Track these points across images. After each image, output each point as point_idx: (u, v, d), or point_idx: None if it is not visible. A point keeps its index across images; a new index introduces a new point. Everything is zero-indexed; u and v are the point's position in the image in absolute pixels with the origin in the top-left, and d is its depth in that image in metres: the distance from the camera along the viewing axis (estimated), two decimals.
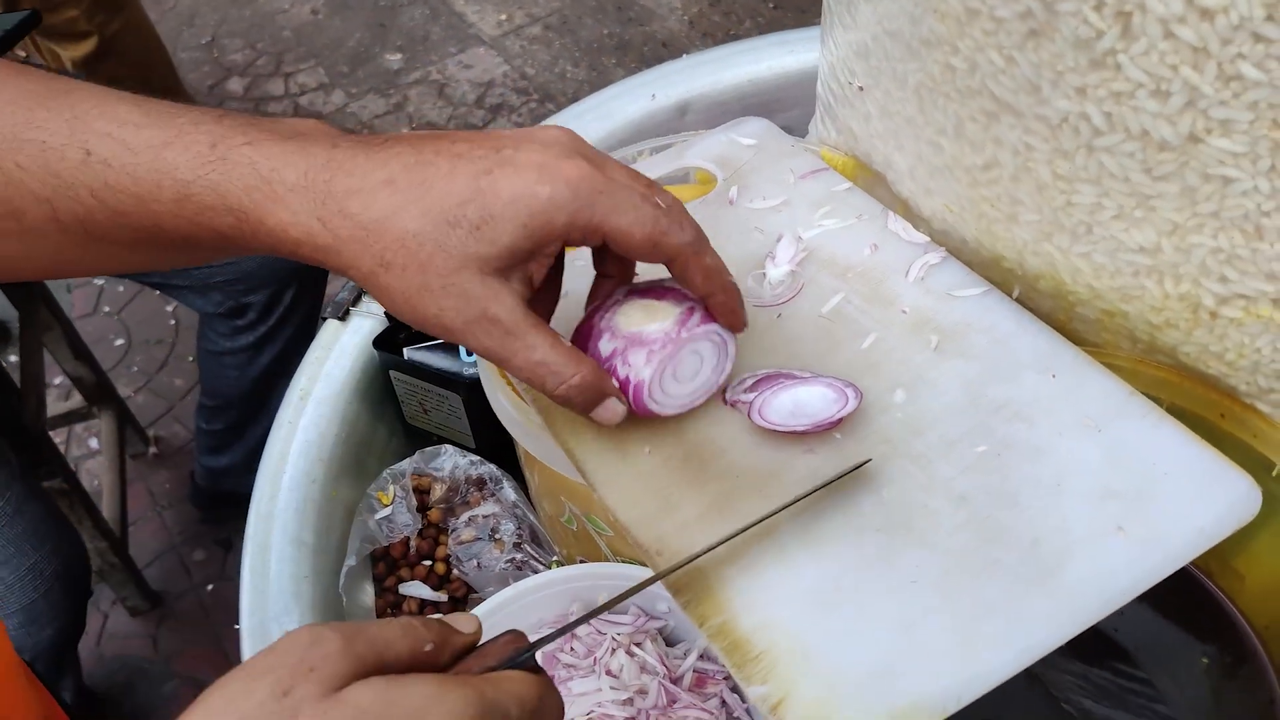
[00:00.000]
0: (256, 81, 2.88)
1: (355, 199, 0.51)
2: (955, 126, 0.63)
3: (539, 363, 0.54)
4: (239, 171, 0.51)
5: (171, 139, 0.52)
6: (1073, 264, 0.63)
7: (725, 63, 1.02)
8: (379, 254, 0.51)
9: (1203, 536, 0.55)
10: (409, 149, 0.52)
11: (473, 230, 0.51)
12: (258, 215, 0.51)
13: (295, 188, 0.51)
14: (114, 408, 2.02)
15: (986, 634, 0.53)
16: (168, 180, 0.51)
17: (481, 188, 0.51)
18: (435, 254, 0.51)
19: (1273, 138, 0.50)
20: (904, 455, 0.60)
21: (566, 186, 0.52)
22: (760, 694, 0.52)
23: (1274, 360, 0.59)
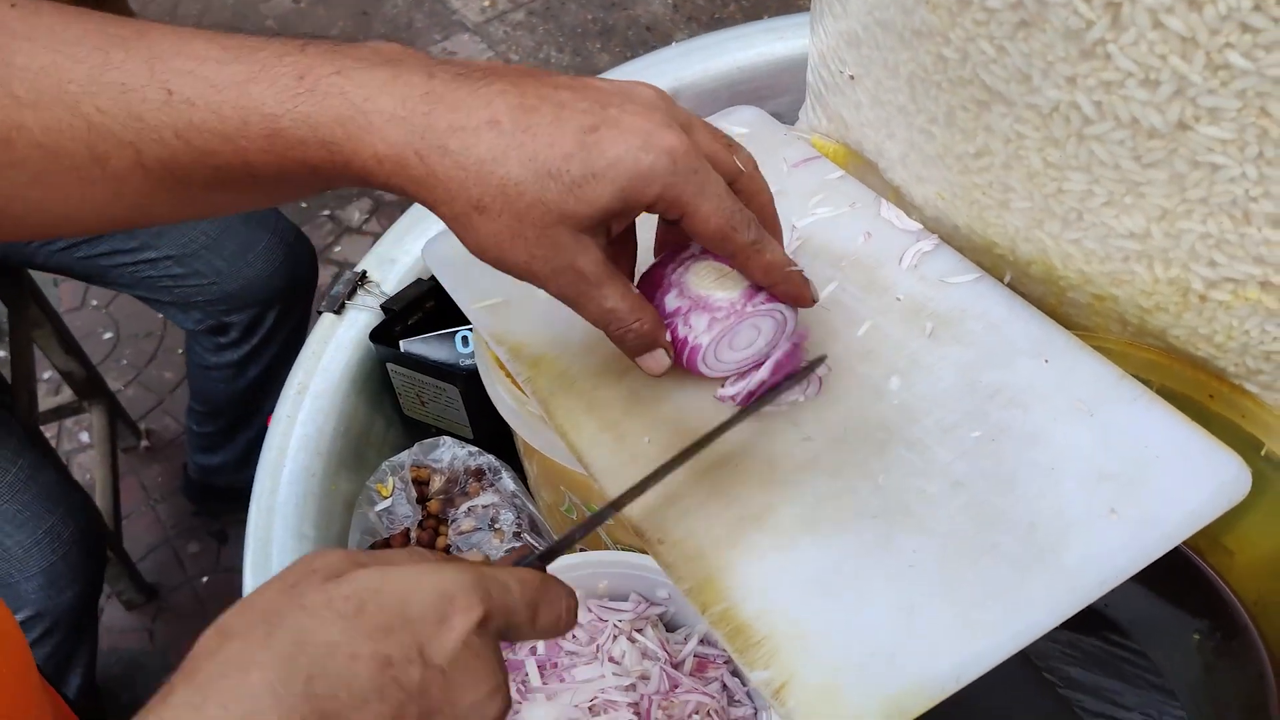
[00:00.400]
0: None
1: (457, 137, 0.50)
2: (947, 115, 0.64)
3: (609, 310, 0.56)
4: (330, 102, 0.50)
5: (256, 73, 0.50)
6: (1064, 250, 0.64)
7: (715, 50, 1.02)
8: (476, 197, 0.51)
9: (1195, 517, 0.56)
10: (512, 88, 0.51)
11: (573, 186, 0.51)
12: (351, 146, 0.50)
13: (393, 118, 0.50)
14: (105, 402, 2.01)
15: (985, 616, 0.54)
16: (255, 116, 0.50)
17: (587, 143, 0.51)
18: (534, 204, 0.51)
19: (1260, 125, 0.50)
20: (901, 441, 0.61)
21: (668, 158, 0.52)
22: (763, 679, 0.53)
23: (1261, 342, 0.60)
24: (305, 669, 0.40)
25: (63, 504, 1.36)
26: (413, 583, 0.43)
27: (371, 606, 0.42)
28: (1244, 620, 0.70)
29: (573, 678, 0.67)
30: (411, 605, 0.42)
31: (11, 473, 1.31)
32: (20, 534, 1.31)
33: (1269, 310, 0.58)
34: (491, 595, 0.44)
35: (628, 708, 0.65)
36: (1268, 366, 0.61)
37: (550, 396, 0.66)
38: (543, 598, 0.47)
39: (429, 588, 0.43)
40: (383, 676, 0.40)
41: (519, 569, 0.48)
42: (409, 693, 0.41)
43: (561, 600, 0.48)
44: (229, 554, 2.02)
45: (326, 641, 0.40)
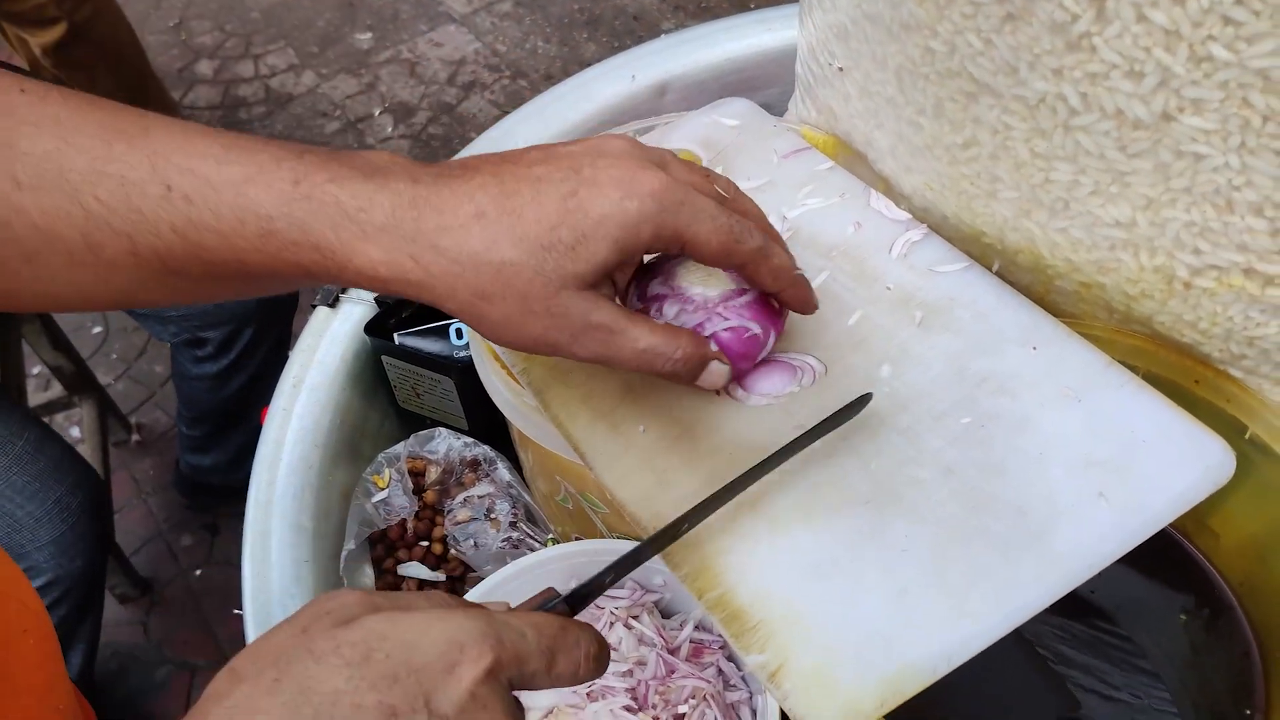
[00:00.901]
0: (226, 64, 2.86)
1: (447, 235, 0.52)
2: (935, 107, 0.65)
3: (644, 351, 0.57)
4: (324, 210, 0.52)
5: (253, 175, 0.52)
6: (1051, 239, 0.65)
7: (704, 41, 1.03)
8: (476, 287, 0.52)
9: (1181, 500, 0.58)
10: (492, 179, 0.53)
11: (567, 252, 0.52)
12: (345, 253, 0.52)
13: (383, 227, 0.52)
14: (95, 396, 2.02)
15: (976, 599, 0.55)
16: (250, 216, 0.52)
17: (570, 209, 0.52)
18: (534, 280, 0.52)
19: (1242, 116, 0.51)
20: (892, 429, 0.62)
21: (652, 200, 0.53)
22: (759, 662, 0.54)
23: (1245, 327, 0.61)
24: (310, 710, 0.40)
25: (70, 475, 1.39)
26: (421, 630, 0.43)
27: (379, 654, 0.42)
28: (1229, 600, 0.71)
29: None
30: (418, 653, 0.42)
31: (18, 445, 1.34)
32: (31, 505, 1.35)
33: (1251, 297, 0.59)
34: (503, 643, 0.44)
35: (625, 693, 0.66)
36: (1251, 352, 0.62)
37: (545, 387, 0.67)
38: (560, 645, 0.47)
39: (437, 635, 0.43)
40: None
41: (537, 614, 0.48)
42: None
43: (581, 646, 0.48)
44: (222, 547, 2.02)
45: (332, 690, 0.41)
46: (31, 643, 0.66)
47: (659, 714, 0.67)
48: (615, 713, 0.65)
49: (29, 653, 0.65)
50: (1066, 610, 0.77)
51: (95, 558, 1.43)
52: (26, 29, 2.20)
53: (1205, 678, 0.71)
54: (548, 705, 0.66)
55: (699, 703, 0.68)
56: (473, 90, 2.74)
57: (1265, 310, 0.59)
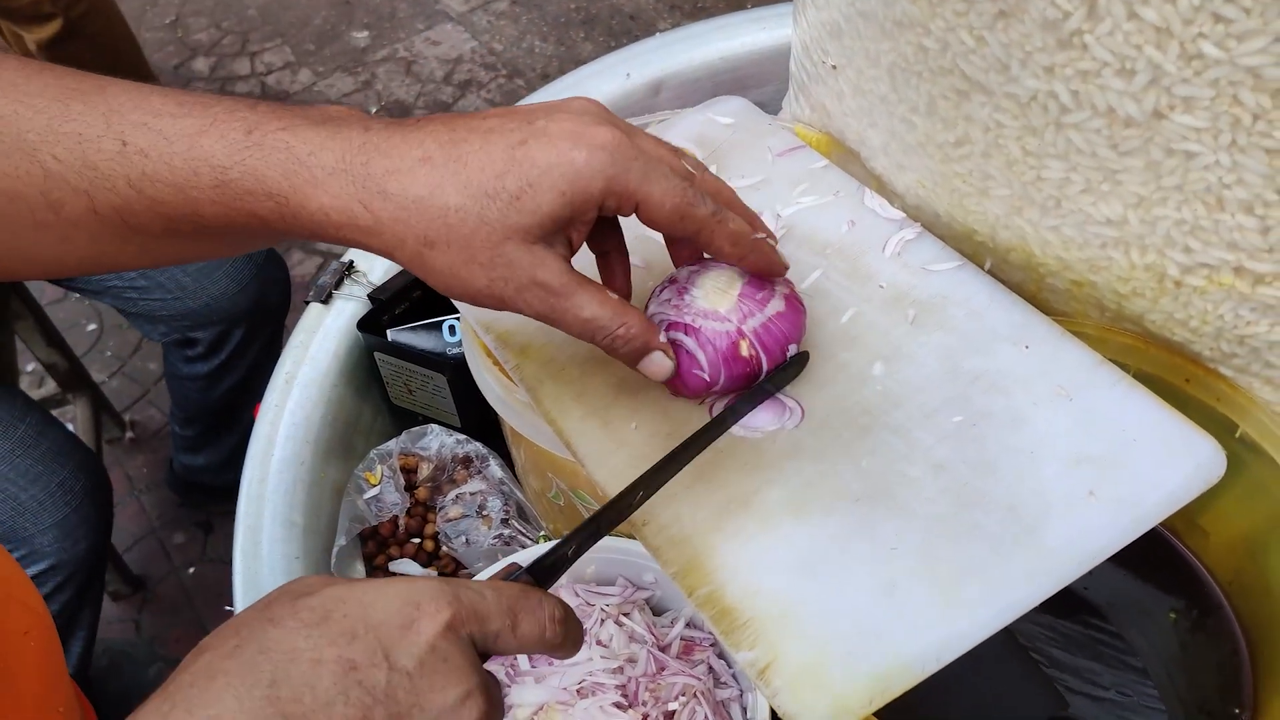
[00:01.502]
0: (222, 61, 2.86)
1: (394, 179, 0.52)
2: (927, 104, 0.65)
3: (588, 319, 0.56)
4: (276, 156, 0.52)
5: (206, 126, 0.52)
6: (1042, 237, 0.65)
7: (699, 40, 1.03)
8: (422, 233, 0.52)
9: (1171, 499, 0.58)
10: (442, 127, 0.53)
11: (512, 200, 0.52)
12: (298, 199, 0.52)
13: (334, 171, 0.52)
14: (88, 394, 2.01)
15: (966, 595, 0.55)
16: (205, 167, 0.52)
17: (517, 158, 0.52)
18: (478, 228, 0.52)
19: (1233, 114, 0.51)
20: (884, 426, 0.62)
21: (602, 151, 0.53)
22: (748, 659, 0.54)
23: (1235, 326, 0.61)
24: (269, 675, 0.40)
25: (73, 458, 1.39)
26: (378, 591, 0.44)
27: (337, 614, 0.42)
28: (1219, 599, 0.72)
29: (561, 662, 0.67)
30: (376, 611, 0.43)
31: (20, 429, 1.34)
32: (34, 488, 1.35)
33: (1242, 295, 0.59)
34: (461, 600, 0.45)
35: (615, 690, 0.66)
36: (1241, 350, 0.62)
37: (538, 384, 0.67)
38: (523, 606, 0.47)
39: (394, 594, 0.44)
40: (347, 680, 0.41)
41: (497, 580, 0.48)
42: (375, 696, 0.41)
43: (545, 608, 0.48)
44: (215, 544, 2.02)
45: (290, 649, 0.41)
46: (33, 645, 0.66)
47: (649, 711, 0.67)
48: (605, 709, 0.65)
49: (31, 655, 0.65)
50: (1057, 608, 0.77)
51: (97, 541, 1.43)
52: (21, 24, 2.20)
53: (1194, 675, 0.71)
54: (537, 702, 0.66)
55: (689, 700, 0.68)
56: (469, 89, 2.74)
57: (1255, 309, 0.59)
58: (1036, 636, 0.77)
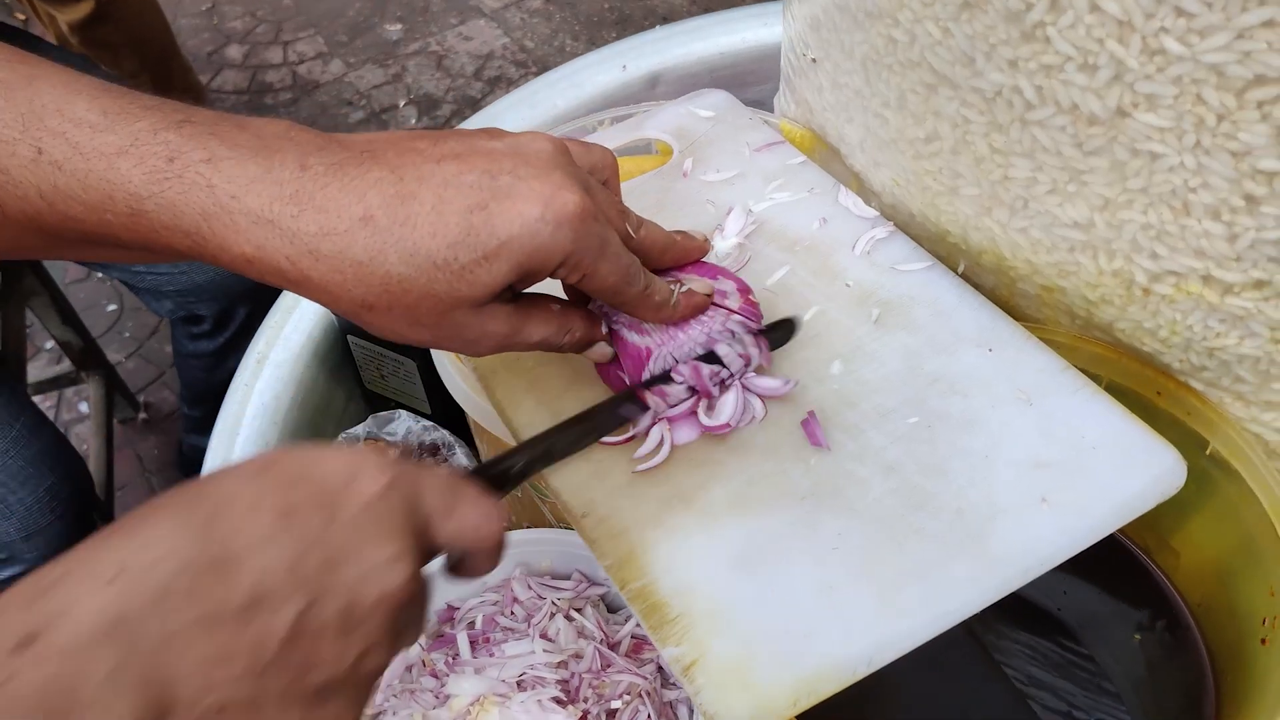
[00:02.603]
0: (255, 49, 2.88)
1: (328, 240, 0.47)
2: (898, 98, 0.63)
3: (538, 342, 0.55)
4: (196, 194, 0.47)
5: (127, 146, 0.48)
6: (1011, 239, 0.63)
7: (697, 34, 1.02)
8: (359, 297, 0.48)
9: (1126, 508, 0.56)
10: (389, 174, 0.48)
11: (463, 273, 0.48)
12: (217, 243, 0.48)
13: (259, 220, 0.47)
14: (102, 373, 2.02)
15: (905, 598, 0.53)
16: (120, 193, 0.48)
17: (474, 225, 0.48)
18: (424, 298, 0.48)
19: (1196, 113, 0.50)
20: (837, 426, 0.61)
21: (568, 226, 0.49)
22: (674, 655, 0.52)
23: (1204, 338, 0.59)
24: (204, 514, 0.39)
25: (62, 465, 1.37)
26: (321, 451, 0.42)
27: (278, 466, 0.41)
28: (1187, 621, 0.69)
29: (503, 653, 0.66)
30: (318, 468, 0.41)
31: (15, 429, 1.31)
32: (23, 491, 1.32)
33: (1210, 305, 0.57)
34: (403, 469, 0.43)
35: (555, 684, 0.65)
36: (1211, 363, 0.60)
37: (491, 373, 0.66)
38: (463, 492, 0.45)
39: (338, 455, 0.42)
40: (283, 522, 0.39)
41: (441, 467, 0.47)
42: (310, 540, 0.39)
43: (483, 503, 0.46)
44: None
45: (229, 493, 0.40)
46: None
47: (590, 708, 0.65)
48: (543, 703, 0.64)
49: None
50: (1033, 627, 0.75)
51: None
52: (55, 5, 2.22)
53: (1161, 698, 0.69)
54: (475, 693, 0.65)
55: (633, 699, 0.66)
56: (498, 85, 2.74)
57: (1225, 320, 0.57)
58: (1016, 654, 0.75)
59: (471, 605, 0.72)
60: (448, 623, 0.72)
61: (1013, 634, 0.76)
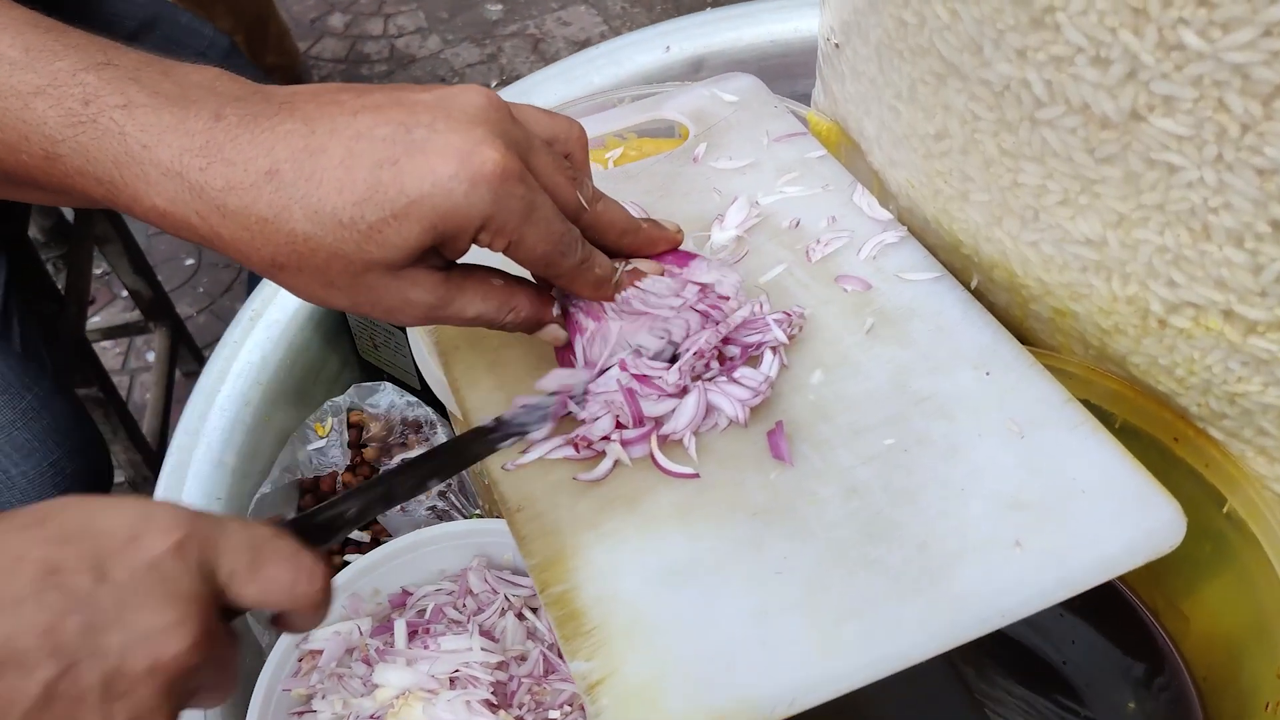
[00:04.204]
0: (357, 19, 2.89)
1: (234, 195, 0.45)
2: (909, 89, 0.58)
3: (474, 317, 0.51)
4: (108, 141, 0.45)
5: (44, 86, 0.45)
6: (1022, 253, 0.57)
7: (748, 19, 0.97)
8: (269, 256, 0.46)
9: (1110, 563, 0.50)
10: (301, 126, 0.45)
11: (370, 233, 0.45)
12: (130, 193, 0.46)
13: (168, 172, 0.45)
14: (169, 324, 2.04)
15: (844, 634, 0.48)
16: (35, 134, 0.46)
17: (382, 182, 0.44)
18: (331, 259, 0.45)
19: (1218, 121, 0.44)
20: (806, 439, 0.55)
21: (484, 186, 0.45)
22: (582, 670, 0.48)
23: (1225, 381, 0.52)
24: None
25: (69, 440, 1.35)
26: (111, 504, 0.40)
27: (56, 519, 0.39)
28: (1190, 695, 0.63)
29: (438, 646, 0.62)
30: (102, 520, 0.39)
31: (26, 400, 1.30)
32: (26, 464, 1.29)
33: (1231, 344, 0.50)
34: (198, 527, 0.40)
35: (489, 686, 0.61)
36: (1232, 411, 0.54)
37: (452, 349, 0.62)
38: (270, 550, 0.42)
39: (127, 508, 0.40)
40: (45, 581, 0.37)
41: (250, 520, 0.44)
42: (72, 602, 0.37)
43: (301, 560, 0.43)
44: None
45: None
46: None
47: (524, 715, 0.61)
48: (472, 705, 0.60)
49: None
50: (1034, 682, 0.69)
51: None
52: None
53: None
54: (401, 685, 0.61)
55: (574, 710, 0.62)
56: None
57: (1247, 363, 0.51)
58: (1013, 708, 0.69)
59: (425, 592, 0.69)
60: (399, 608, 0.68)
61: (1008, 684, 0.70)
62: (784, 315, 0.59)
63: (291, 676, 0.65)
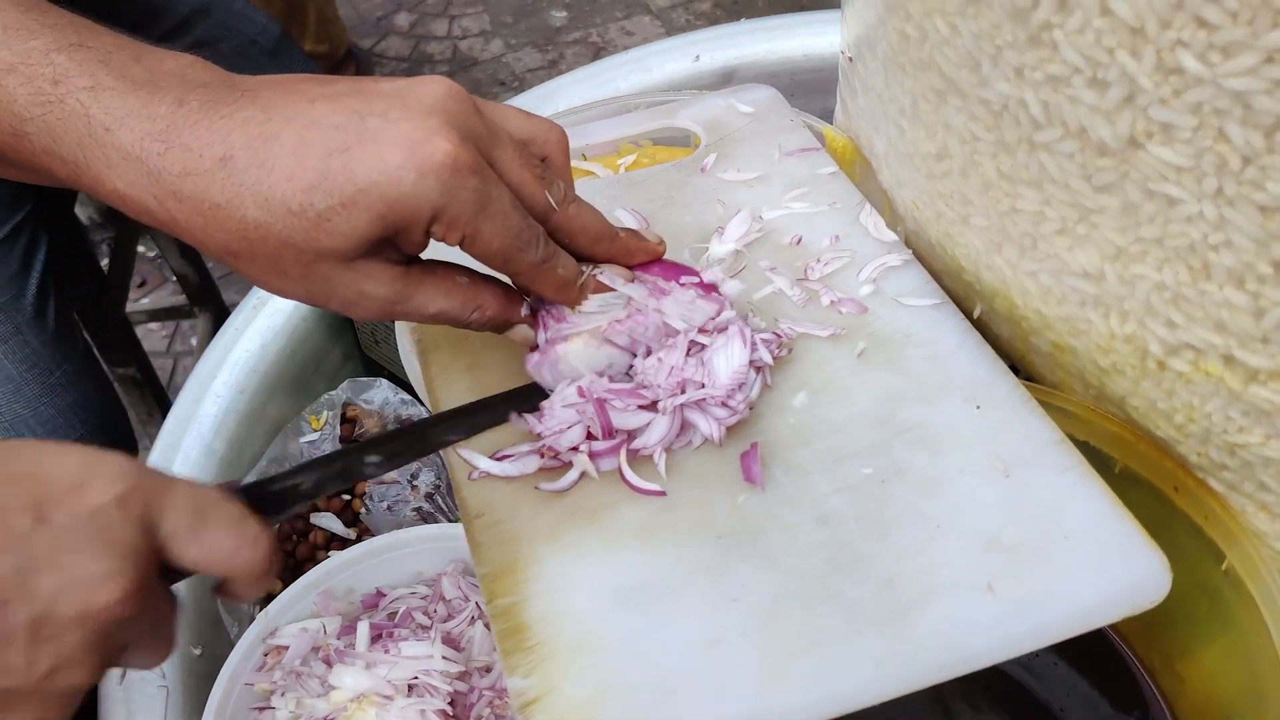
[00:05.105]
0: (422, 19, 2.91)
1: (189, 181, 0.44)
2: (912, 105, 0.56)
3: (436, 313, 0.50)
4: (74, 122, 0.45)
5: (16, 64, 0.46)
6: (1021, 283, 0.55)
7: (781, 32, 0.95)
8: (222, 243, 0.45)
9: (1087, 615, 0.47)
10: (258, 113, 0.45)
11: (319, 222, 0.44)
12: (92, 175, 0.46)
13: (128, 156, 0.45)
14: (213, 310, 2.06)
15: (796, 669, 0.46)
16: (5, 111, 0.46)
17: (332, 169, 0.44)
18: (282, 248, 0.45)
19: (1218, 152, 0.41)
20: (781, 463, 0.53)
21: (434, 176, 0.44)
22: (518, 687, 0.46)
23: (1225, 430, 0.49)
24: None
25: (97, 418, 1.35)
26: (61, 450, 0.40)
27: (3, 460, 0.39)
28: None
29: (399, 651, 0.61)
30: (48, 465, 0.39)
31: (55, 375, 1.31)
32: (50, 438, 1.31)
33: (1231, 392, 0.47)
34: (144, 482, 0.40)
35: (447, 696, 0.59)
36: (1232, 462, 0.51)
37: (433, 349, 0.60)
38: (215, 514, 0.42)
39: (75, 456, 0.40)
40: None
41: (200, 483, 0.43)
42: (8, 540, 0.37)
43: (246, 528, 0.42)
44: None
45: None
46: None
47: None
48: (427, 714, 0.58)
49: None
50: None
51: None
52: None
53: None
54: (357, 689, 0.59)
55: None
56: None
57: (1248, 413, 0.48)
58: None
59: (400, 595, 0.67)
60: (371, 609, 0.67)
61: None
62: (772, 335, 0.57)
63: (255, 671, 0.64)
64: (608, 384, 0.53)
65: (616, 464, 0.53)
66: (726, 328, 0.55)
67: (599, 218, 0.52)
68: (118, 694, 0.66)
